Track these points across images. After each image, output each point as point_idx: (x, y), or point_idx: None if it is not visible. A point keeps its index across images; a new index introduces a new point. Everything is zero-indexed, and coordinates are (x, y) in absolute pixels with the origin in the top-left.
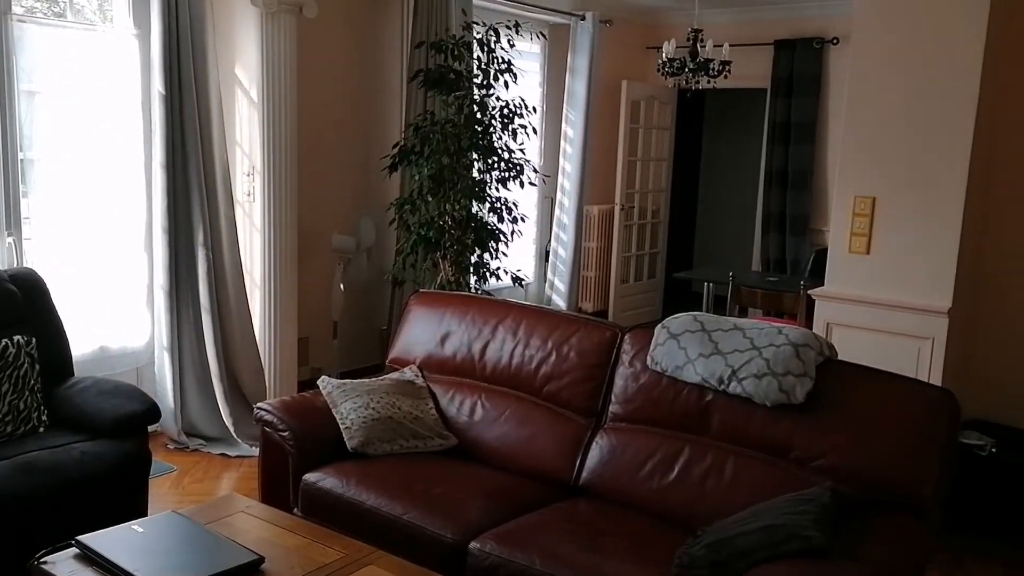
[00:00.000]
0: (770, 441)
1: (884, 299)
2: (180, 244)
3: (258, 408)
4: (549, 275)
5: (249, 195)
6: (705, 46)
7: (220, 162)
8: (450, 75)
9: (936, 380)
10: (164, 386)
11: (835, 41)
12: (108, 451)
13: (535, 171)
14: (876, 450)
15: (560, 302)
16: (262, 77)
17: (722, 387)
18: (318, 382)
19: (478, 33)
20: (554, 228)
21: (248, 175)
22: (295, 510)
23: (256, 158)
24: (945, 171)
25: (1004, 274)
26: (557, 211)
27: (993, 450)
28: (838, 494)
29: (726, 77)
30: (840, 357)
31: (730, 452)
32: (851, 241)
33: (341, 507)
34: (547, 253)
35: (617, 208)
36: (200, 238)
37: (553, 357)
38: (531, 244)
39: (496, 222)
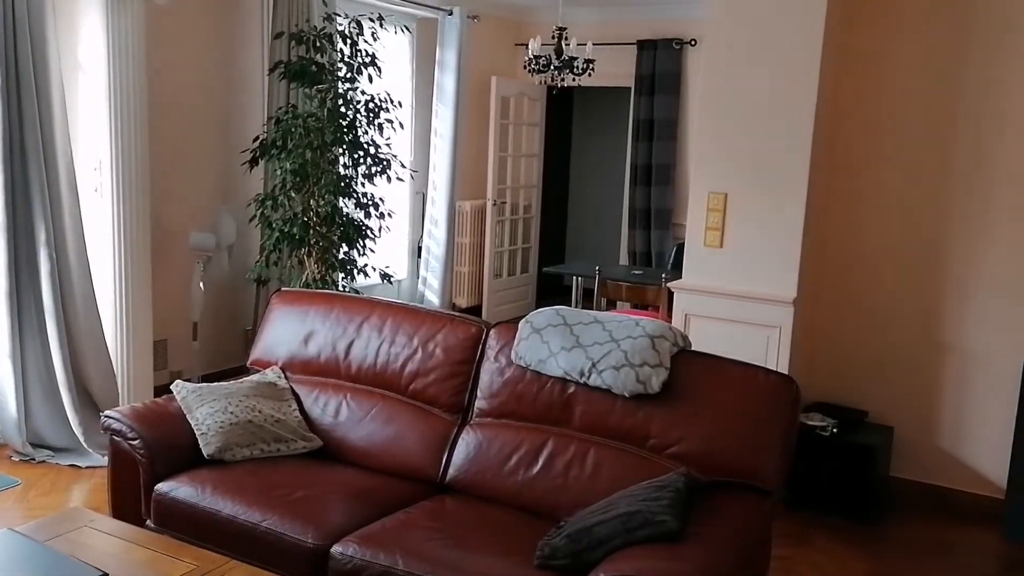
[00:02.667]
0: (629, 430)
1: (736, 290)
2: (20, 244)
3: (105, 416)
4: (422, 271)
5: (97, 191)
6: (569, 44)
7: (63, 156)
8: (312, 67)
9: (783, 366)
10: (6, 395)
11: (693, 43)
12: None
13: (403, 166)
14: (724, 435)
15: (434, 298)
16: (109, 66)
17: (583, 379)
18: (172, 387)
19: (341, 25)
20: (426, 224)
21: (96, 170)
22: (148, 522)
23: (104, 152)
24: (789, 169)
25: (843, 266)
26: (429, 206)
27: (834, 430)
28: (691, 479)
29: (590, 75)
30: (698, 347)
31: (591, 443)
32: (706, 235)
33: (196, 517)
34: (419, 249)
35: (489, 203)
36: (42, 237)
37: (419, 354)
38: (403, 240)
39: (363, 218)
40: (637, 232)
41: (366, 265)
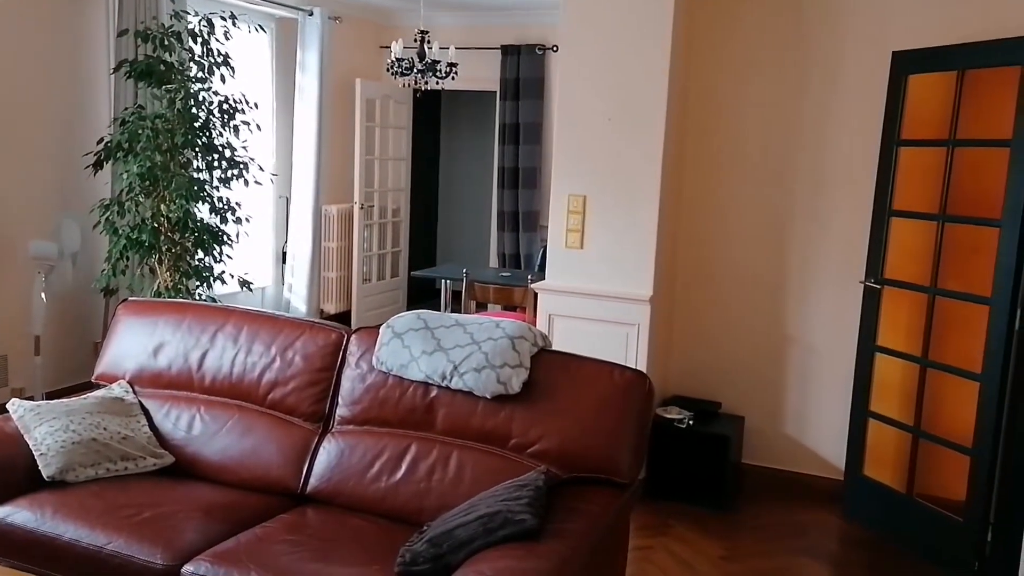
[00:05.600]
0: (491, 431)
1: (596, 290)
2: None
3: None
4: (287, 277)
5: None
6: (432, 47)
7: None
8: (160, 66)
9: (642, 362)
10: None
11: (555, 48)
12: None
13: (261, 169)
14: (581, 432)
15: (300, 305)
16: None
17: (445, 383)
18: (7, 405)
19: (190, 23)
20: (291, 229)
21: None
22: None
23: None
24: (642, 172)
25: (696, 265)
26: (293, 211)
27: (690, 422)
28: (550, 476)
29: (454, 79)
30: (561, 346)
31: (454, 445)
32: (567, 237)
33: (36, 544)
34: (284, 255)
35: (356, 207)
36: None
37: (277, 363)
38: (267, 246)
39: (219, 223)
40: (506, 235)
41: (223, 272)
